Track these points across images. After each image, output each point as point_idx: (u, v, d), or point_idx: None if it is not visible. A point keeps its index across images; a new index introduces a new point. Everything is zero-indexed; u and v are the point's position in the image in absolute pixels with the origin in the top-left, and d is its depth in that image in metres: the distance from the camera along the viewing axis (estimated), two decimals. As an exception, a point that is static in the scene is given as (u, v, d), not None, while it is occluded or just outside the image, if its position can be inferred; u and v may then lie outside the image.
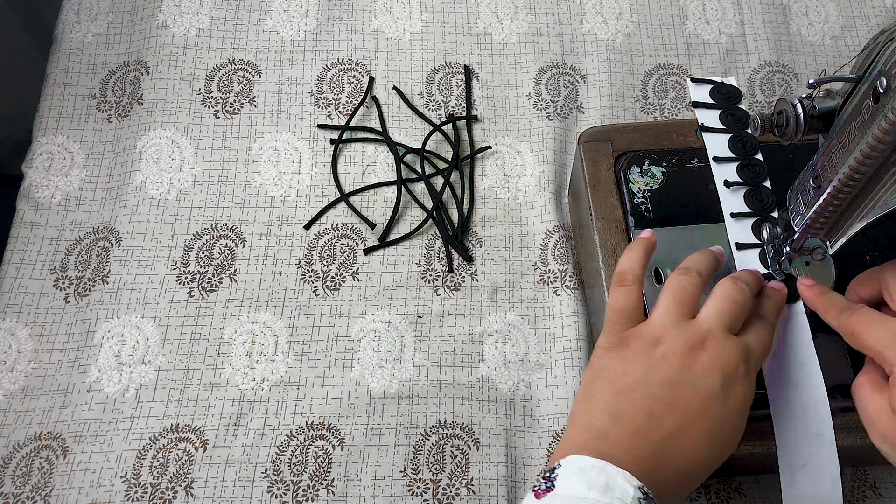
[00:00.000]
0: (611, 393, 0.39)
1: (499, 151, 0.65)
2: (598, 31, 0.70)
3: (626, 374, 0.40)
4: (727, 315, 0.41)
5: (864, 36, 0.71)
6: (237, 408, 0.54)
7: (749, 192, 0.49)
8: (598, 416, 0.39)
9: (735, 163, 0.50)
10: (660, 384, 0.39)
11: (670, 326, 0.40)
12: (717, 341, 0.40)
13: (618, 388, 0.39)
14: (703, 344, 0.40)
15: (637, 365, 0.40)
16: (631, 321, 0.42)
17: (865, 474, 0.53)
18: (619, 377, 0.40)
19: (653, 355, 0.40)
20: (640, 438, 0.38)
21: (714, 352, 0.39)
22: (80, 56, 0.68)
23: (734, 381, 0.39)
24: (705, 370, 0.39)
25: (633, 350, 0.40)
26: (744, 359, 0.40)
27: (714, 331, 0.40)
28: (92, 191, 0.63)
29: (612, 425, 0.38)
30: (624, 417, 0.38)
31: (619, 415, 0.38)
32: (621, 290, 0.43)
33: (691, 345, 0.40)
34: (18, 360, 0.56)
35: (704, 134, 0.51)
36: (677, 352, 0.39)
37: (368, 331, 0.57)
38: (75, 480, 0.52)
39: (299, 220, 0.62)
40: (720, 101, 0.52)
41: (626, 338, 0.41)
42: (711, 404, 0.38)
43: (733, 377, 0.39)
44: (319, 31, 0.70)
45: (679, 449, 0.38)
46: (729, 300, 0.42)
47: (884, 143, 0.34)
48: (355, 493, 0.52)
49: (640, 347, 0.40)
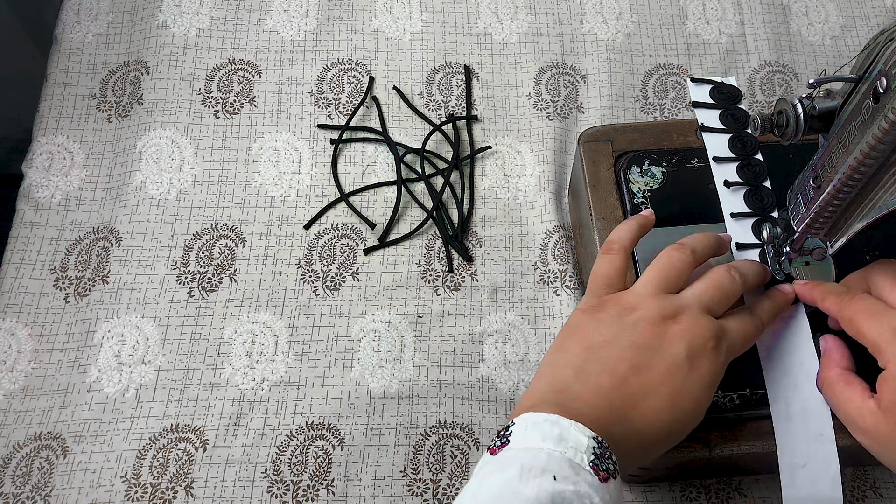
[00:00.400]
0: (579, 349, 0.41)
1: (499, 151, 0.65)
2: (598, 31, 0.70)
3: (596, 332, 0.41)
4: (709, 298, 0.42)
5: (864, 36, 0.71)
6: (237, 408, 0.55)
7: (749, 192, 0.49)
8: (562, 370, 0.40)
9: (735, 163, 0.50)
10: (627, 346, 0.40)
11: (648, 297, 0.41)
12: (691, 317, 0.40)
13: (587, 344, 0.41)
14: (675, 317, 0.40)
15: (609, 326, 0.41)
16: (611, 288, 0.43)
17: (865, 474, 0.53)
18: (589, 335, 0.41)
19: (625, 320, 0.41)
20: (601, 395, 0.39)
21: (685, 324, 0.40)
22: (80, 56, 0.68)
23: (701, 353, 0.40)
24: (672, 338, 0.40)
25: (608, 313, 0.42)
26: (714, 335, 0.40)
27: (691, 307, 0.41)
28: (92, 191, 0.63)
29: (574, 380, 0.39)
30: (588, 373, 0.39)
31: (583, 370, 0.40)
32: (606, 257, 0.44)
33: (664, 315, 0.40)
34: (18, 360, 0.56)
35: (704, 134, 0.51)
36: (650, 319, 0.40)
37: (368, 331, 0.58)
38: (75, 480, 0.52)
39: (299, 220, 0.62)
40: (720, 101, 0.52)
41: (604, 301, 0.42)
42: (675, 371, 0.39)
43: (701, 350, 0.40)
44: (319, 31, 0.70)
45: (639, 410, 0.38)
46: (715, 285, 0.42)
47: (884, 142, 0.34)
48: (355, 493, 0.52)
49: (615, 311, 0.41)
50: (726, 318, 0.42)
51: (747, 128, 0.51)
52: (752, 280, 0.44)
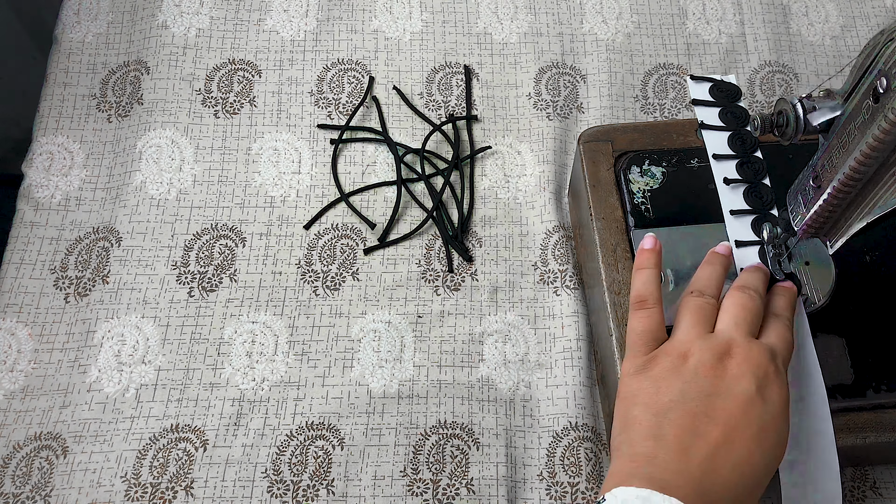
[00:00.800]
0: (650, 416, 0.39)
1: (499, 151, 0.65)
2: (598, 31, 0.70)
3: (660, 393, 0.39)
4: (743, 321, 0.41)
5: (864, 36, 0.71)
6: (237, 408, 0.54)
7: (748, 190, 0.49)
8: (641, 443, 0.38)
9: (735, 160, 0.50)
10: (697, 398, 0.38)
11: (695, 340, 0.40)
12: (742, 346, 0.40)
13: (655, 410, 0.39)
14: (729, 352, 0.40)
15: (670, 383, 0.39)
16: (656, 342, 0.42)
17: (865, 474, 0.53)
18: (654, 399, 0.39)
19: (684, 371, 0.39)
20: (688, 456, 0.37)
21: (741, 357, 0.39)
22: (80, 56, 0.68)
23: (767, 382, 0.39)
24: (737, 376, 0.39)
25: (663, 368, 0.40)
26: (770, 358, 0.40)
27: (736, 338, 0.40)
28: (92, 191, 0.63)
29: (657, 448, 0.37)
30: (668, 439, 0.38)
31: (662, 437, 0.38)
32: (643, 312, 0.43)
33: (719, 354, 0.39)
34: (18, 360, 0.56)
35: (704, 132, 0.51)
36: (707, 363, 0.39)
37: (368, 331, 0.58)
38: (75, 480, 0.52)
39: (299, 220, 0.62)
40: (720, 99, 0.52)
41: (653, 357, 0.41)
42: (751, 409, 0.38)
43: (766, 378, 0.39)
44: (319, 30, 0.70)
45: (728, 459, 0.37)
46: (741, 307, 0.42)
47: (884, 142, 0.34)
48: (355, 493, 0.52)
49: (669, 364, 0.40)
50: (765, 334, 0.42)
51: (747, 125, 0.51)
52: (761, 288, 0.44)
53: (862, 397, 0.45)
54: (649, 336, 0.42)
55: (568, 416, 0.54)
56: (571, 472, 0.53)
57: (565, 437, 0.54)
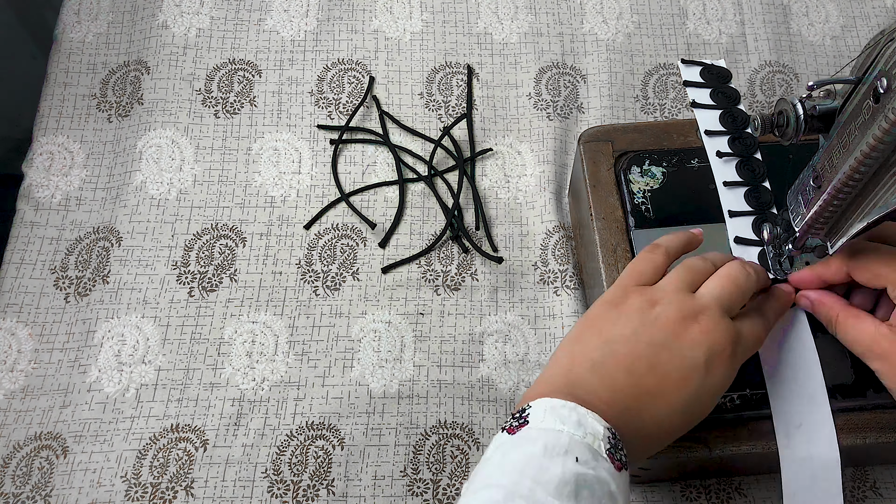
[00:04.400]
0: (598, 341, 0.40)
1: (499, 151, 0.65)
2: (599, 31, 0.70)
3: (616, 326, 0.40)
4: (727, 296, 0.41)
5: (864, 36, 0.71)
6: (237, 408, 0.54)
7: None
8: (579, 362, 0.40)
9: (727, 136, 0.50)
10: (647, 343, 0.39)
11: (671, 292, 0.41)
12: (711, 318, 0.40)
13: (605, 338, 0.40)
14: (696, 317, 0.40)
15: (629, 320, 0.40)
16: (641, 282, 0.43)
17: (865, 474, 0.53)
18: (609, 327, 0.41)
19: (647, 314, 0.40)
20: (616, 392, 0.38)
21: (705, 326, 0.40)
22: (80, 56, 0.68)
23: (718, 360, 0.39)
24: (693, 342, 0.39)
25: (629, 305, 0.41)
26: (732, 341, 0.40)
27: (711, 307, 0.41)
28: (92, 191, 0.63)
29: (591, 373, 0.39)
30: (605, 367, 0.39)
31: (600, 364, 0.39)
32: (647, 255, 0.44)
33: (685, 314, 0.40)
34: (18, 360, 0.56)
35: (696, 110, 0.51)
36: (671, 317, 0.40)
37: (368, 331, 0.58)
38: (75, 480, 0.52)
39: (299, 220, 0.62)
40: (710, 81, 0.52)
41: (628, 293, 0.42)
42: (692, 375, 0.39)
43: (718, 356, 0.39)
44: (320, 30, 0.70)
45: (652, 411, 0.38)
46: (732, 281, 0.42)
47: (884, 143, 0.34)
48: (355, 493, 0.52)
49: (637, 304, 0.41)
50: (740, 319, 0.42)
51: (738, 104, 0.51)
52: (762, 280, 0.44)
53: (862, 397, 0.45)
54: (638, 276, 0.43)
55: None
56: (571, 472, 0.53)
57: (565, 437, 0.54)
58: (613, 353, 0.39)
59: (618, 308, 0.41)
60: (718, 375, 0.39)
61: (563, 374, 0.40)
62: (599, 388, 0.38)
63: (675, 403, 0.38)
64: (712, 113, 0.51)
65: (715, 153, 0.50)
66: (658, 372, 0.39)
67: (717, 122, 0.51)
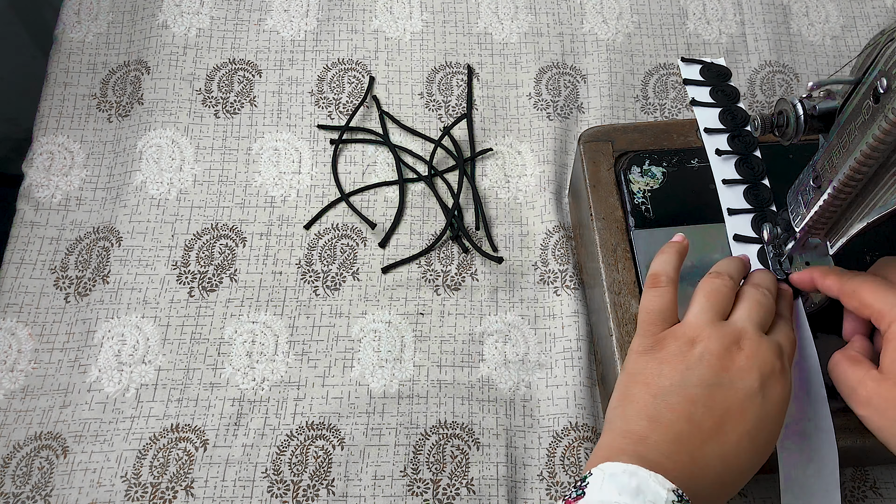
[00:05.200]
0: (648, 396, 0.39)
1: (499, 151, 0.65)
2: (599, 31, 0.70)
3: (662, 376, 0.39)
4: (757, 315, 0.41)
5: (864, 36, 0.71)
6: (237, 408, 0.55)
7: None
8: (635, 421, 0.38)
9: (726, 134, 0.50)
10: (698, 385, 0.38)
11: (706, 326, 0.40)
12: (752, 340, 0.39)
13: (655, 391, 0.39)
14: (738, 343, 0.39)
15: (674, 367, 0.39)
16: (665, 323, 0.41)
17: (865, 474, 0.53)
18: (655, 380, 0.39)
19: (689, 356, 0.39)
20: (680, 443, 0.37)
21: (750, 351, 0.39)
22: (80, 56, 0.68)
23: (771, 380, 0.39)
24: (742, 370, 0.38)
25: (669, 351, 0.40)
26: (778, 355, 0.39)
27: (748, 330, 0.40)
28: (92, 190, 0.63)
29: (650, 430, 0.37)
30: (662, 421, 0.37)
31: (657, 419, 0.38)
32: (655, 291, 0.42)
33: (727, 344, 0.39)
34: (19, 360, 0.56)
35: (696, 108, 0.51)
36: (714, 352, 0.39)
37: (368, 331, 0.58)
38: (75, 480, 0.52)
39: (299, 219, 0.62)
40: (710, 79, 0.52)
41: (661, 339, 0.41)
42: (750, 404, 0.38)
43: (770, 376, 0.39)
44: (320, 30, 0.70)
45: (718, 451, 0.37)
46: (755, 302, 0.42)
47: (884, 143, 0.34)
48: (355, 493, 0.52)
49: (675, 348, 0.40)
50: (774, 332, 0.42)
51: (738, 101, 0.51)
52: (773, 290, 0.44)
53: (862, 397, 0.45)
54: (658, 316, 0.41)
55: (568, 417, 0.54)
56: (571, 472, 0.53)
57: (565, 438, 0.54)
58: (669, 405, 0.38)
59: (656, 357, 0.40)
60: (776, 394, 0.38)
61: (621, 436, 0.38)
62: (662, 444, 0.37)
63: (739, 438, 0.37)
64: (712, 111, 0.51)
65: (714, 151, 0.50)
66: (716, 411, 0.37)
67: (716, 119, 0.51)
